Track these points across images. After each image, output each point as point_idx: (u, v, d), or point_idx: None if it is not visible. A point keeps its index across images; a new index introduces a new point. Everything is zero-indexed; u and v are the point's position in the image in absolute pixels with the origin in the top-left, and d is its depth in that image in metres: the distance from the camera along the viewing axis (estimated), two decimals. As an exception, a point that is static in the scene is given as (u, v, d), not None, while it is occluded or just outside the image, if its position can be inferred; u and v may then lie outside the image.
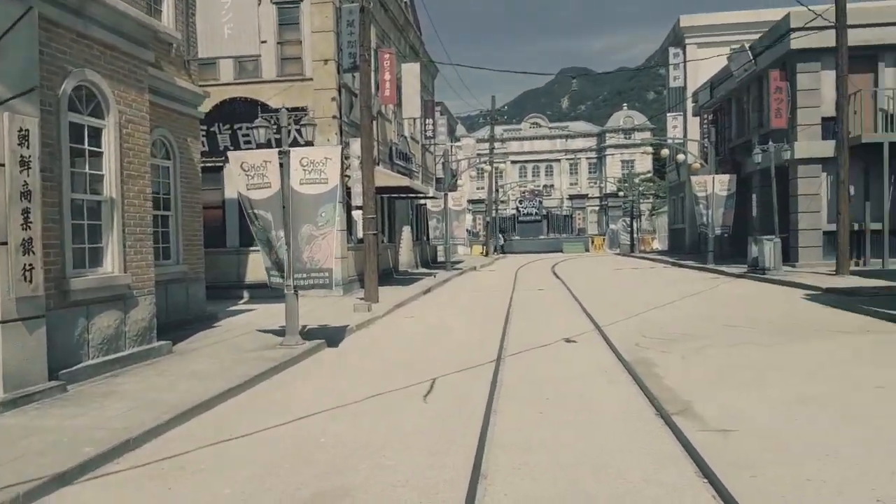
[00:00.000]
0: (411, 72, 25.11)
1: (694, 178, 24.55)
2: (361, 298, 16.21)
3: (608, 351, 9.27)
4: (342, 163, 18.58)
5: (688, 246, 34.44)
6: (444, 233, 27.72)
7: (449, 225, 27.35)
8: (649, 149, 27.77)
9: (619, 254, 45.10)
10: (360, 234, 16.33)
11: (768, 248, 18.18)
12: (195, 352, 9.97)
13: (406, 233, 27.52)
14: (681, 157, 25.99)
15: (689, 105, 32.85)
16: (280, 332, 10.76)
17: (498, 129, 72.55)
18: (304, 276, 10.04)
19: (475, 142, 42.79)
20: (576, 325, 11.93)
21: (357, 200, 17.34)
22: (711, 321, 11.53)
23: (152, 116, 12.23)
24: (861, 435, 5.18)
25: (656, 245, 48.26)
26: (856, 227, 20.57)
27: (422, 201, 28.43)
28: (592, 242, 51.74)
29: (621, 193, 52.76)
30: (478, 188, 69.89)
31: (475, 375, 8.00)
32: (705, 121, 28.20)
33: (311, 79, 18.67)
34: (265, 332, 11.62)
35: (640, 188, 53.30)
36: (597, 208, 73.40)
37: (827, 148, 20.36)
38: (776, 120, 20.94)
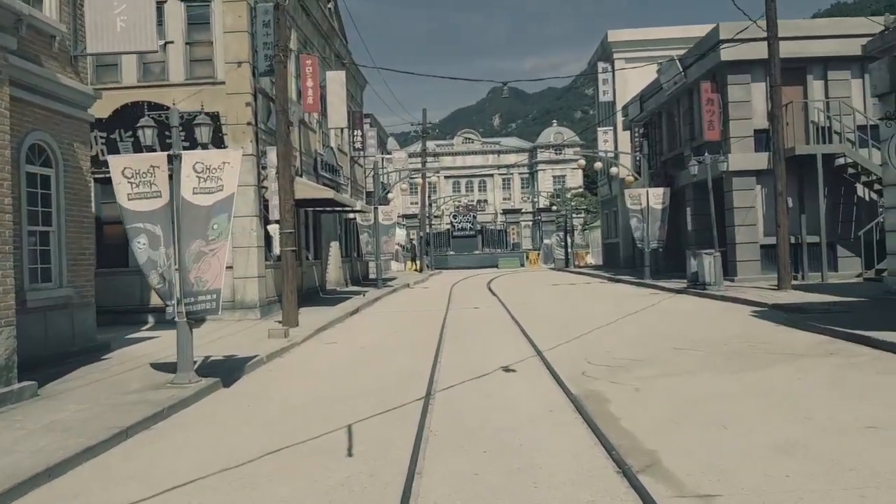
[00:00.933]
0: (337, 80, 23.76)
1: (628, 192, 24.13)
2: (280, 322, 14.68)
3: (552, 382, 8.17)
4: (258, 173, 17.03)
5: (622, 260, 34.23)
6: (374, 248, 26.35)
7: (379, 240, 26.00)
8: (582, 161, 27.25)
9: (553, 268, 44.74)
10: (277, 251, 14.81)
11: (708, 263, 17.69)
12: (66, 394, 8.29)
13: (334, 249, 26.00)
14: (614, 170, 25.62)
15: (620, 119, 32.76)
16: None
17: (430, 144, 71.77)
18: (192, 300, 8.53)
19: (407, 155, 41.65)
20: (515, 349, 10.82)
21: (275, 214, 15.79)
22: (659, 343, 10.64)
23: (26, 117, 10.49)
24: (873, 499, 4.19)
25: (590, 260, 48.24)
26: (793, 240, 20.43)
27: (351, 215, 27.00)
28: (527, 257, 51.34)
29: (554, 208, 52.62)
30: (411, 203, 68.77)
31: (401, 418, 6.72)
32: (636, 134, 28.02)
33: (224, 82, 17.07)
34: (159, 366, 9.99)
35: (573, 203, 53.38)
36: (530, 223, 73.47)
37: (760, 160, 20.21)
38: (709, 132, 20.68)
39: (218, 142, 16.78)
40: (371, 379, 8.93)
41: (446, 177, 79.53)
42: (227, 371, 9.49)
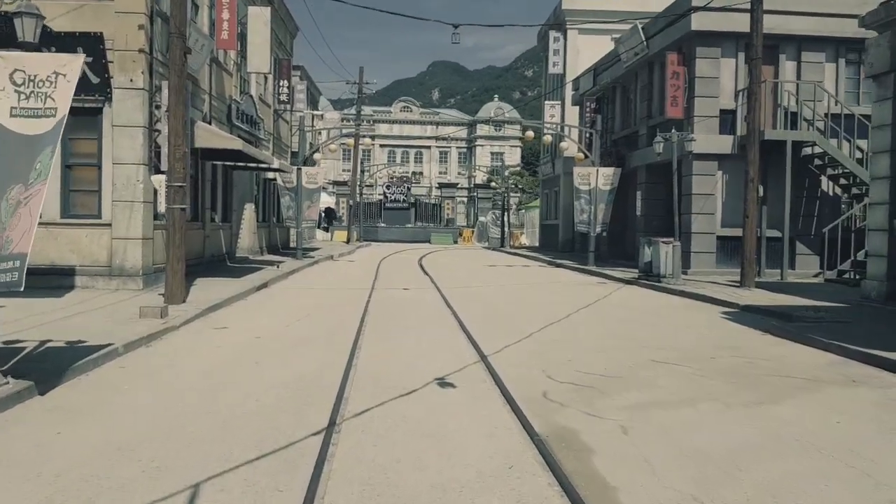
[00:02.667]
0: (260, 17, 20.64)
1: (577, 170, 22.19)
2: (163, 295, 11.90)
3: (506, 410, 5.94)
4: (150, 112, 13.91)
5: (560, 244, 32.57)
6: (296, 214, 23.48)
7: (301, 205, 23.15)
8: (530, 133, 25.13)
9: (488, 247, 42.85)
10: (162, 208, 11.93)
11: (665, 253, 15.92)
12: None
13: (249, 212, 23.00)
14: (565, 144, 23.66)
15: (569, 93, 30.82)
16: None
17: (367, 110, 68.33)
18: (-12, 269, 5.83)
19: (340, 117, 38.50)
20: (452, 350, 8.55)
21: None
22: (631, 352, 8.60)
23: None
24: None
25: (524, 240, 46.61)
26: (748, 232, 19.01)
27: (270, 175, 23.99)
28: (461, 234, 49.23)
29: (494, 185, 50.53)
30: (343, 170, 65.38)
31: (284, 474, 4.32)
32: (588, 109, 26.09)
33: (113, -2, 13.83)
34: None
35: (510, 181, 51.52)
36: (466, 199, 71.36)
37: (724, 143, 18.60)
38: (672, 108, 18.89)
39: (101, 70, 13.62)
40: (255, 390, 6.46)
41: (382, 145, 76.28)
42: (55, 368, 6.79)
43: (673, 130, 17.27)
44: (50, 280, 13.32)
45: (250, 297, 13.82)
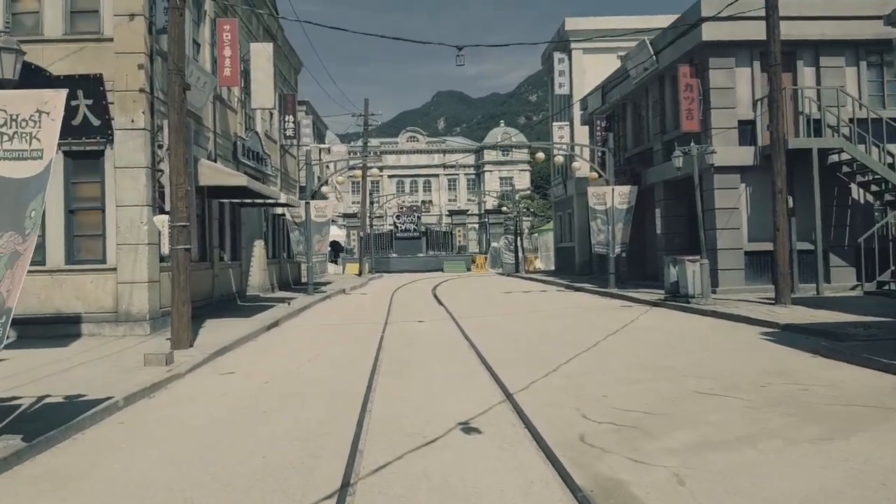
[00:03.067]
0: (262, 53, 20.42)
1: (592, 190, 21.62)
2: (171, 339, 11.37)
3: (540, 458, 5.29)
4: (153, 152, 13.57)
5: (577, 266, 31.86)
6: (306, 249, 23.03)
7: (311, 239, 22.70)
8: (541, 154, 24.49)
9: (502, 273, 42.18)
10: (166, 250, 11.47)
11: (692, 272, 15.22)
12: None
13: (258, 249, 22.58)
14: (577, 164, 23.15)
15: (577, 113, 30.41)
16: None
17: (374, 142, 68.52)
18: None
19: (347, 150, 38.34)
20: (474, 388, 7.92)
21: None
22: (671, 382, 7.92)
23: None
24: None
25: (539, 265, 45.91)
26: (775, 246, 18.29)
27: (279, 211, 23.63)
28: (474, 261, 48.60)
29: (505, 209, 49.97)
30: (353, 202, 65.25)
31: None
32: (598, 128, 25.60)
33: (112, 39, 13.58)
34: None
35: (521, 205, 51.00)
36: (476, 225, 70.85)
37: (745, 155, 17.99)
38: (687, 122, 18.33)
39: (101, 112, 13.32)
40: (262, 444, 5.85)
41: (390, 176, 76.32)
42: (50, 427, 6.23)
43: (692, 144, 16.68)
44: (56, 329, 12.87)
45: (260, 338, 13.26)
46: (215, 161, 17.00)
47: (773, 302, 14.53)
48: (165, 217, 11.54)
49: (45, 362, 9.87)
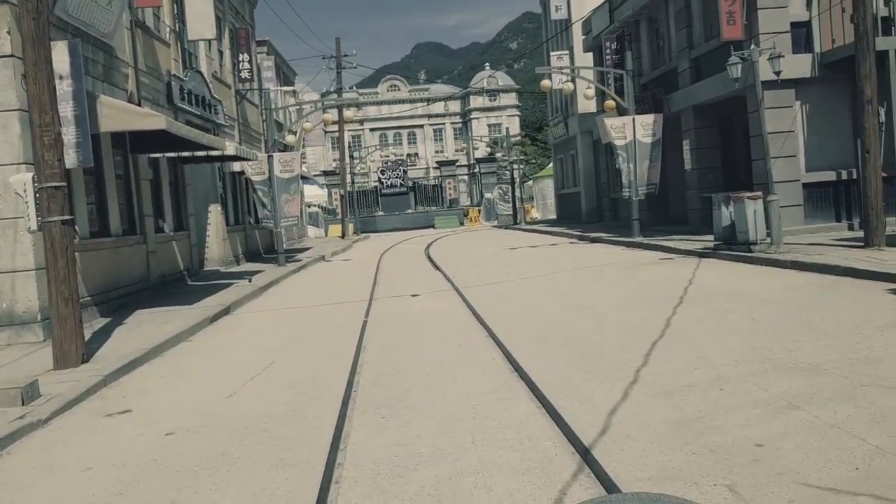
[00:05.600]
0: (198, -29, 16.44)
1: (607, 122, 18.02)
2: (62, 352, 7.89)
3: None
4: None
5: (585, 214, 28.45)
6: (272, 211, 19.43)
7: (277, 199, 19.08)
8: (547, 82, 20.74)
9: (499, 226, 38.73)
10: (33, 224, 7.87)
11: (754, 212, 11.87)
12: None
13: (214, 214, 18.96)
14: (589, 92, 19.50)
15: (578, 39, 26.54)
16: None
17: (353, 94, 64.01)
18: None
19: (321, 98, 34.25)
20: (516, 431, 4.56)
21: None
22: (844, 394, 4.59)
23: None
24: None
25: (535, 214, 42.46)
26: (843, 175, 14.95)
27: (237, 167, 19.91)
28: (467, 215, 45.01)
29: (500, 155, 46.02)
30: (334, 160, 61.15)
31: None
32: (609, 50, 21.79)
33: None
34: None
35: (517, 150, 47.15)
36: (467, 177, 66.95)
37: (801, 65, 14.53)
38: (728, 28, 14.71)
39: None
40: None
41: (372, 129, 71.98)
42: None
43: (752, 46, 13.05)
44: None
45: (198, 336, 9.81)
46: (139, 104, 13.25)
47: (861, 244, 11.27)
48: (28, 176, 7.92)
49: None
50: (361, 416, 5.39)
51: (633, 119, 17.78)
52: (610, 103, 18.42)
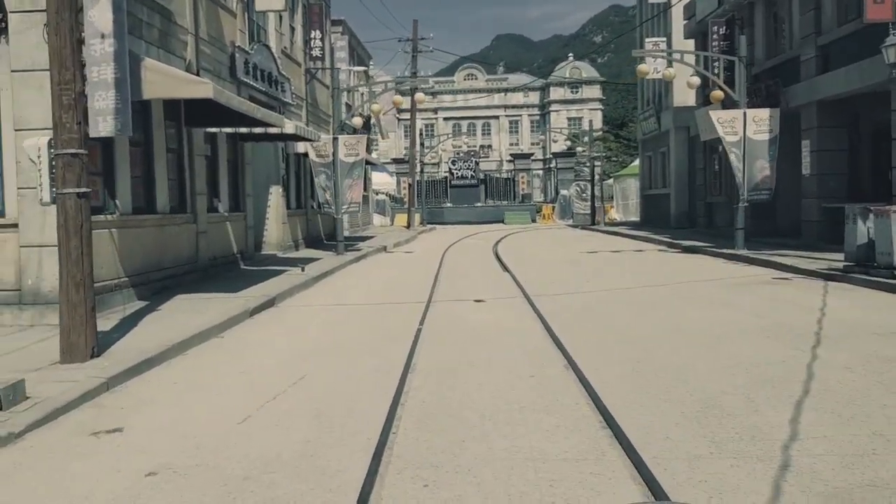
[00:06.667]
0: (270, -65, 15.41)
1: (714, 116, 15.90)
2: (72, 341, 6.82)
3: None
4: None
5: (673, 218, 26.16)
6: (333, 197, 18.34)
7: (339, 184, 17.95)
8: (671, 71, 18.50)
9: (574, 226, 36.70)
10: (47, 195, 6.80)
11: (899, 228, 9.72)
12: None
13: (275, 196, 18.04)
14: (693, 79, 17.38)
15: (678, 25, 24.25)
16: None
17: (428, 82, 62.92)
18: None
19: (395, 84, 33.10)
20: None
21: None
22: None
23: None
24: None
25: (615, 215, 40.10)
26: None
27: (301, 149, 18.91)
28: (539, 212, 43.07)
29: (580, 149, 43.70)
30: (405, 148, 60.32)
31: None
32: (715, 35, 19.51)
33: None
34: None
35: (602, 142, 44.69)
36: (542, 171, 64.70)
37: (963, 54, 11.99)
38: (874, 8, 12.40)
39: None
40: None
41: (446, 119, 70.74)
42: None
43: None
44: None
45: (232, 331, 8.65)
46: (198, 75, 12.25)
47: None
48: (44, 140, 6.85)
49: None
50: (397, 478, 3.95)
51: (745, 113, 15.61)
52: (717, 94, 16.26)
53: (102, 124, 7.62)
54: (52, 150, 6.65)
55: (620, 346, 7.17)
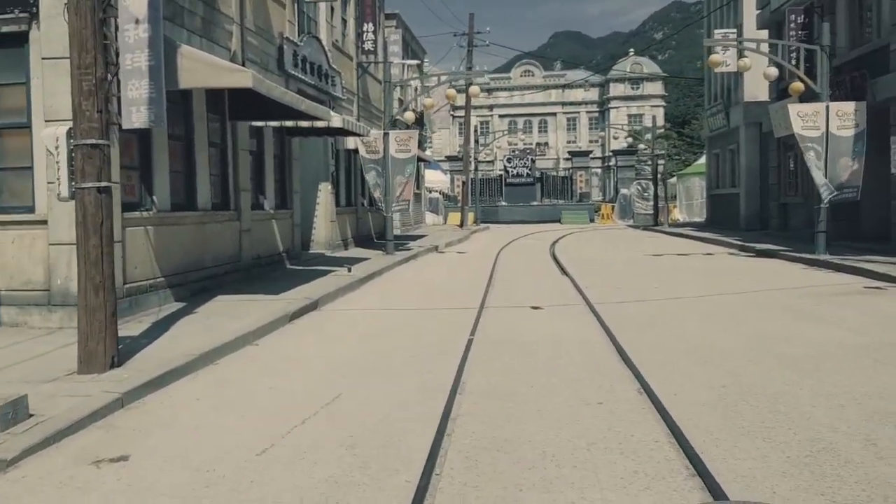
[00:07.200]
0: (322, -77, 14.87)
1: (793, 110, 14.53)
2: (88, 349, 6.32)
3: None
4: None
5: (744, 219, 24.56)
6: (384, 194, 17.73)
7: (390, 181, 17.32)
8: (773, 70, 17.13)
9: (635, 226, 35.24)
10: (65, 191, 6.31)
11: None
12: None
13: (324, 194, 17.55)
14: (771, 70, 16.03)
15: (750, 14, 22.69)
16: None
17: (484, 78, 62.09)
18: None
19: (449, 78, 32.35)
20: None
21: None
22: None
23: None
24: None
25: (678, 216, 38.35)
26: None
27: (351, 145, 18.36)
28: (598, 211, 41.61)
29: (642, 147, 41.99)
30: (459, 146, 59.59)
31: None
32: (793, 24, 18.02)
33: None
34: None
35: (663, 139, 42.91)
36: (600, 170, 62.94)
37: None
38: None
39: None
40: None
41: (501, 116, 69.69)
42: None
43: None
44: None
45: (269, 338, 8.04)
46: (244, 66, 11.76)
47: None
48: (63, 130, 6.35)
49: None
50: (457, 456, 3.18)
51: (827, 107, 14.21)
52: (797, 85, 14.86)
53: (136, 115, 7.08)
54: (72, 141, 6.14)
55: (700, 366, 6.21)
